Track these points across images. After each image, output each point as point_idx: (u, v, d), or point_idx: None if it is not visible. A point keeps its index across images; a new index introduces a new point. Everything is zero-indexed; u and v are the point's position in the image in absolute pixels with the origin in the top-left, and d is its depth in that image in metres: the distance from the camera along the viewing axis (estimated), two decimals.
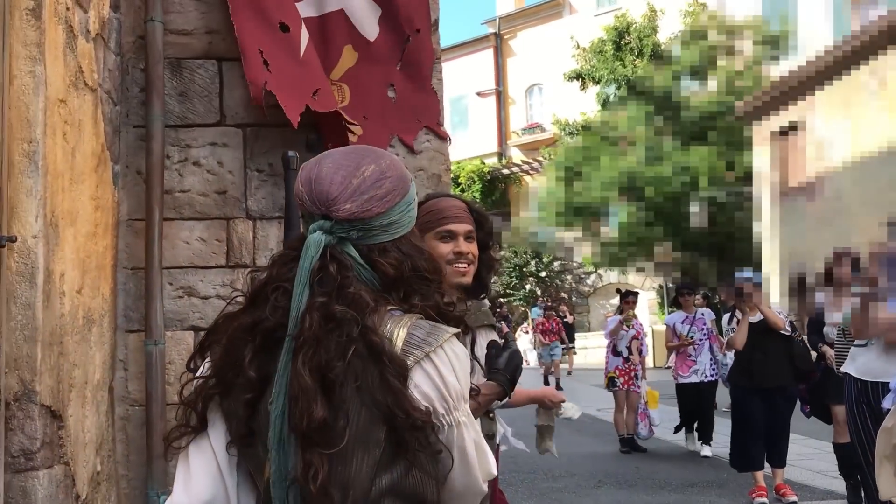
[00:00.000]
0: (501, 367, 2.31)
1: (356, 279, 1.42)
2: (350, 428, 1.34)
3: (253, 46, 3.75)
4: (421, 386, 1.39)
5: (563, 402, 3.01)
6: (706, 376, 8.71)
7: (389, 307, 1.43)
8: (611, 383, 9.40)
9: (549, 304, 19.25)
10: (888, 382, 4.98)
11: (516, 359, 2.38)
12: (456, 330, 1.45)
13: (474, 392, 1.70)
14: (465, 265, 2.35)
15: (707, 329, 8.81)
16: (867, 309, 4.86)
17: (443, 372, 1.40)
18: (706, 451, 8.70)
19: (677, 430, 9.36)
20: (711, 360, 8.78)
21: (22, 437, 2.68)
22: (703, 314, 8.97)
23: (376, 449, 1.35)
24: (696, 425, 9.06)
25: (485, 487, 1.52)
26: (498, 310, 16.97)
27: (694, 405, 8.88)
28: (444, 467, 1.43)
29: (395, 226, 1.47)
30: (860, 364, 5.25)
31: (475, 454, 1.46)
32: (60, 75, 2.98)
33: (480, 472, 1.48)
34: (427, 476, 1.41)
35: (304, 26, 3.86)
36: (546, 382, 15.86)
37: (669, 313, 10.33)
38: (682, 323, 8.86)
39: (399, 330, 1.40)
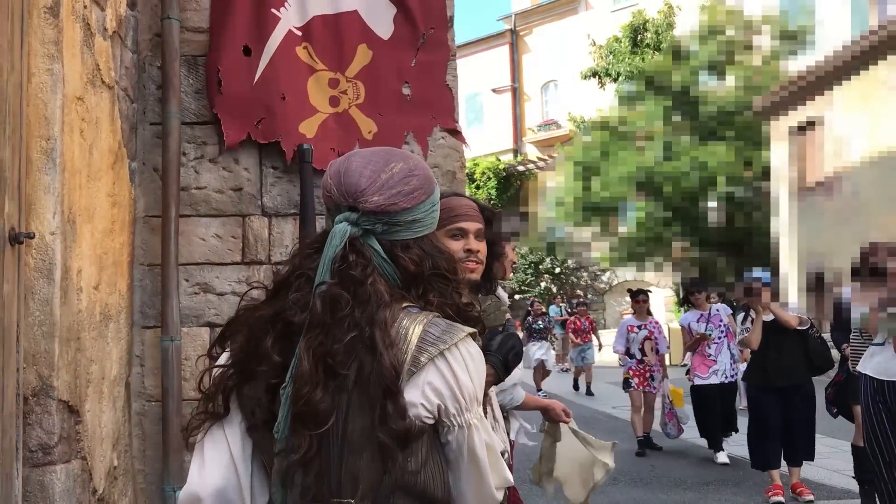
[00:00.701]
0: (493, 350, 2.33)
1: (377, 272, 1.44)
2: (358, 418, 1.36)
3: (213, 65, 3.87)
4: (433, 383, 1.39)
5: (569, 420, 3.00)
6: (727, 377, 8.13)
7: (406, 304, 1.44)
8: (625, 384, 9.15)
9: (580, 301, 17.30)
10: None
11: (511, 341, 2.40)
12: (472, 330, 1.46)
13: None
14: (475, 263, 2.40)
15: (724, 326, 8.27)
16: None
17: (456, 371, 1.41)
18: (722, 457, 8.16)
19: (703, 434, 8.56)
20: (731, 359, 8.22)
21: (40, 431, 2.71)
22: (718, 310, 8.41)
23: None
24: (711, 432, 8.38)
25: (499, 496, 1.50)
26: (530, 307, 15.79)
27: (715, 408, 8.16)
28: (454, 468, 1.44)
29: (419, 224, 1.49)
30: (876, 363, 5.21)
31: (486, 458, 1.45)
32: (78, 73, 3.00)
33: (494, 479, 1.47)
34: (439, 474, 1.42)
35: (271, 48, 3.91)
36: (576, 387, 15.00)
37: (685, 311, 10.10)
38: (698, 322, 8.41)
39: (415, 327, 1.41)
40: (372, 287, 1.41)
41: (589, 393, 14.27)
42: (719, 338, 8.20)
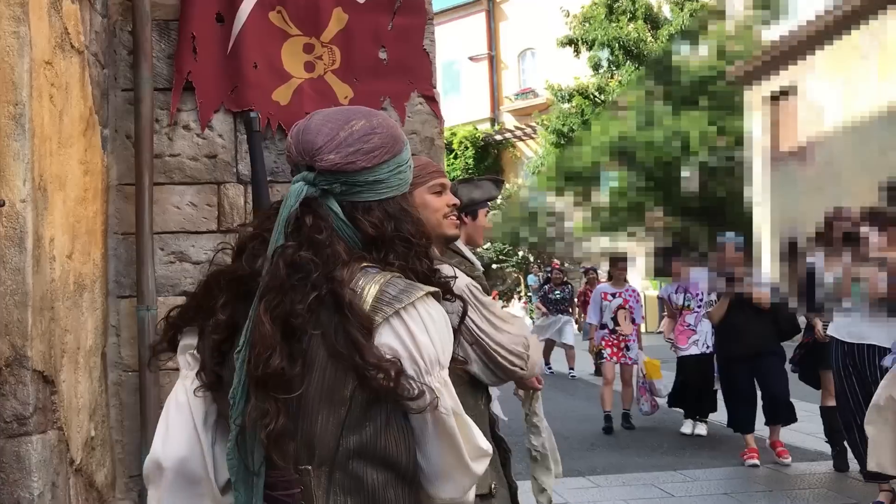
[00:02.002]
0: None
1: (335, 234, 1.39)
2: (314, 382, 1.31)
3: (187, 31, 3.80)
4: (389, 344, 1.33)
5: (540, 389, 2.98)
6: (707, 347, 7.75)
7: (365, 264, 1.39)
8: (597, 356, 8.55)
9: (588, 268, 14.55)
10: (874, 345, 5.02)
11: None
12: (433, 289, 1.39)
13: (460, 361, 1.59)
14: (456, 217, 2.41)
15: (703, 295, 7.87)
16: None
17: (414, 331, 1.34)
18: (701, 428, 7.92)
19: (672, 404, 8.26)
20: (712, 328, 7.56)
21: (14, 402, 2.67)
22: (696, 279, 7.94)
23: (342, 407, 1.32)
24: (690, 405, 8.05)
25: (478, 468, 1.42)
26: (549, 274, 13.63)
27: (695, 379, 7.86)
28: (421, 438, 1.37)
29: (382, 185, 1.42)
30: (845, 326, 5.29)
31: (456, 427, 1.37)
32: (46, 36, 2.93)
33: (468, 449, 1.39)
34: (402, 441, 1.35)
35: (243, 14, 3.84)
36: (597, 371, 10.93)
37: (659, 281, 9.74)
38: (676, 293, 8.07)
39: (371, 286, 1.35)
40: (329, 248, 1.36)
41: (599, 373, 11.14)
42: (699, 307, 7.91)
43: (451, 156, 28.42)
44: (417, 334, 1.34)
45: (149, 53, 3.76)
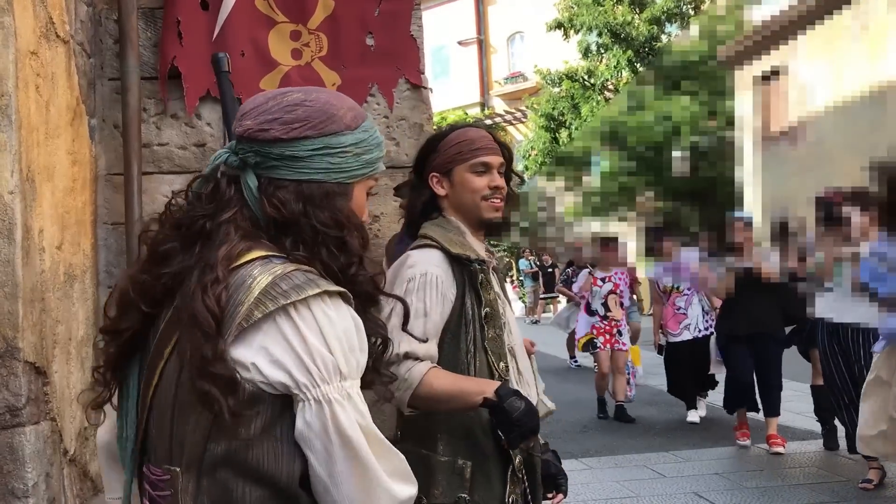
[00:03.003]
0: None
1: (239, 209, 1.27)
2: (184, 377, 1.20)
3: (172, 16, 3.78)
4: (269, 348, 1.17)
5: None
6: (700, 331, 7.40)
7: (267, 252, 1.25)
8: (590, 345, 8.06)
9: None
10: (858, 323, 5.06)
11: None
12: (338, 288, 1.22)
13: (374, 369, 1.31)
14: (500, 200, 2.18)
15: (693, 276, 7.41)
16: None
17: (304, 333, 1.18)
18: (696, 414, 7.66)
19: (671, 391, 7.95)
20: (703, 311, 7.45)
21: (7, 393, 2.68)
22: (686, 260, 7.45)
23: (204, 414, 1.19)
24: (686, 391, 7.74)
25: (403, 493, 1.22)
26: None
27: (691, 367, 7.48)
28: (324, 458, 1.18)
29: (300, 164, 1.27)
30: (829, 306, 5.33)
31: (366, 445, 1.19)
32: (30, 26, 2.91)
33: (387, 470, 1.20)
34: (283, 455, 1.20)
35: (230, 1, 3.81)
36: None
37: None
38: (665, 274, 7.65)
39: (264, 277, 1.20)
40: (215, 223, 1.25)
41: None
42: (689, 289, 7.46)
43: None
44: (309, 337, 1.18)
45: (135, 42, 3.74)
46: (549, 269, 19.15)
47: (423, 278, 2.02)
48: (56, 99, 3.18)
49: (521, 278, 22.68)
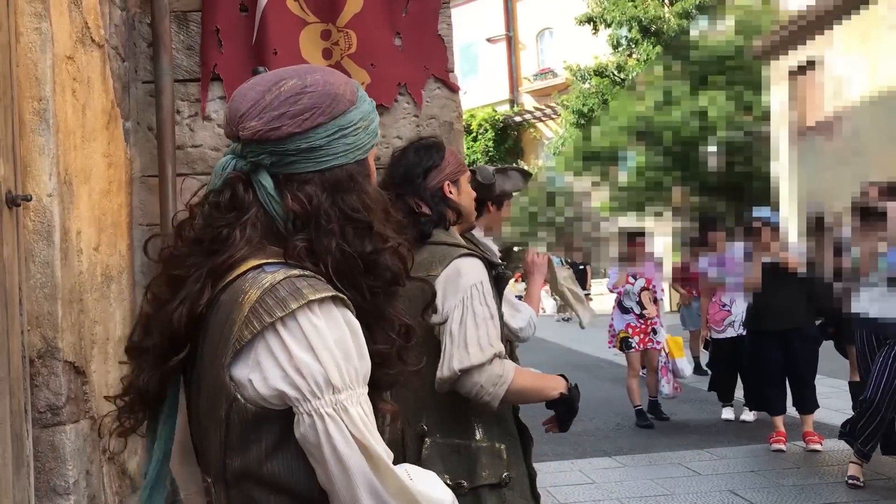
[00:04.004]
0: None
1: (258, 214, 1.22)
2: (203, 393, 1.20)
3: (211, 24, 3.81)
4: (262, 365, 1.14)
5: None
6: (743, 329, 7.01)
7: (265, 259, 1.19)
8: (624, 344, 7.70)
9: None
10: None
11: None
12: (325, 294, 1.16)
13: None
14: None
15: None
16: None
17: (291, 348, 1.13)
18: (731, 411, 7.47)
19: (712, 388, 7.75)
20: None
21: (47, 392, 2.73)
22: (733, 254, 6.97)
23: (221, 428, 1.17)
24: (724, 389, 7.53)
25: None
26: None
27: (730, 364, 7.24)
28: (326, 472, 1.14)
29: (319, 153, 1.22)
30: (867, 302, 5.24)
31: (364, 463, 1.13)
32: (67, 32, 2.96)
33: (387, 488, 1.14)
34: (298, 468, 1.17)
35: (262, 2, 3.85)
36: (697, 367, 9.60)
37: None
38: (710, 267, 7.32)
39: (253, 292, 1.15)
40: (229, 231, 1.20)
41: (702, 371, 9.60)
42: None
43: (471, 138, 28.35)
44: (295, 351, 1.13)
45: (168, 45, 3.79)
46: (581, 267, 19.08)
47: (482, 286, 2.18)
48: (92, 102, 3.23)
49: None
